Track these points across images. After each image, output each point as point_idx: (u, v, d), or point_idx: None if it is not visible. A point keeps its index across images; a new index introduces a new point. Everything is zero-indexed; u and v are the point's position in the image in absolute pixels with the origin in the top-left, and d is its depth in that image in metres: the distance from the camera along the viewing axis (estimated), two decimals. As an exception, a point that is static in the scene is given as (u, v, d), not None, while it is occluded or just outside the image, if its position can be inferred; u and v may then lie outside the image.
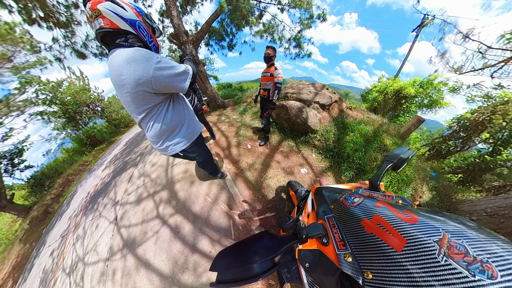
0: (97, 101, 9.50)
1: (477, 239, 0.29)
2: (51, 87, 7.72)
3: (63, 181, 6.07)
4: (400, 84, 5.46)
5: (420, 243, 0.31)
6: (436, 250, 0.28)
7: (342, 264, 0.39)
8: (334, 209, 0.54)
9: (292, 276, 0.57)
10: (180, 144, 1.01)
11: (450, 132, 4.03)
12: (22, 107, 6.63)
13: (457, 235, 0.30)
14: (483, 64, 3.85)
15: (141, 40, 0.79)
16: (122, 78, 0.71)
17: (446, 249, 0.28)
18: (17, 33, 4.69)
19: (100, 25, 0.68)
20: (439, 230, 0.31)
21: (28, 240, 4.02)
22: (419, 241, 0.31)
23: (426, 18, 7.35)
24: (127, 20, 0.72)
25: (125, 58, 0.68)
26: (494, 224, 1.43)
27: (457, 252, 0.27)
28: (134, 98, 0.76)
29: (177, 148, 1.01)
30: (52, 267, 2.38)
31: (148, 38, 0.81)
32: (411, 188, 1.95)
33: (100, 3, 0.67)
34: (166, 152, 1.02)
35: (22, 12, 3.07)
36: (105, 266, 1.75)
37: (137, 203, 2.27)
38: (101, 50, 4.18)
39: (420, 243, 0.31)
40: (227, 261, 0.43)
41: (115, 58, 0.70)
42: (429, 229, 0.32)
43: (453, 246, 0.28)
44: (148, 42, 0.81)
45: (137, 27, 0.76)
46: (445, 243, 0.29)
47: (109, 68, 0.74)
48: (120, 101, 0.91)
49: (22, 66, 5.64)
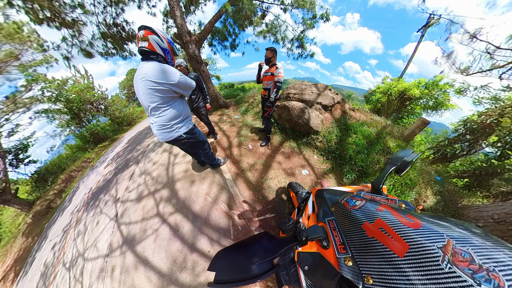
0: (100, 99, 9.66)
1: (483, 246, 0.28)
2: (57, 85, 7.90)
3: (66, 177, 6.18)
4: (405, 85, 5.38)
5: (423, 249, 0.30)
6: (440, 257, 0.28)
7: (342, 268, 0.39)
8: (335, 212, 0.53)
9: (291, 279, 0.56)
10: (184, 127, 1.39)
11: (456, 135, 3.94)
12: (28, 104, 6.78)
13: (462, 242, 0.29)
14: (491, 65, 3.76)
15: (165, 60, 1.23)
16: (152, 77, 1.12)
17: (450, 256, 0.27)
18: (24, 32, 4.81)
19: (145, 46, 1.11)
20: (443, 236, 0.30)
21: (30, 234, 4.09)
22: (422, 247, 0.30)
23: (432, 17, 7.23)
24: (161, 48, 1.17)
25: (160, 67, 1.13)
26: (501, 231, 1.39)
27: (462, 259, 0.26)
28: (157, 91, 1.16)
29: (182, 130, 1.38)
30: (53, 261, 2.41)
31: (170, 59, 1.27)
32: (414, 192, 1.91)
33: (150, 34, 1.11)
34: (172, 132, 1.34)
35: (29, 12, 3.14)
36: (105, 263, 1.77)
37: (137, 201, 2.29)
38: (107, 50, 4.26)
39: (423, 249, 0.30)
40: (225, 261, 0.43)
41: (149, 65, 1.13)
42: (432, 234, 0.32)
43: (458, 253, 0.27)
44: (169, 62, 1.27)
45: (166, 53, 1.21)
46: (449, 250, 0.28)
47: (141, 68, 1.14)
48: (138, 92, 1.24)
49: (29, 64, 5.77)
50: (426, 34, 7.81)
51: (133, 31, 4.33)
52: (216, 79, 14.11)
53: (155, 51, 1.14)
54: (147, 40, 1.09)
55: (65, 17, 3.50)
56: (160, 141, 3.84)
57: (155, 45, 1.12)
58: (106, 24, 3.96)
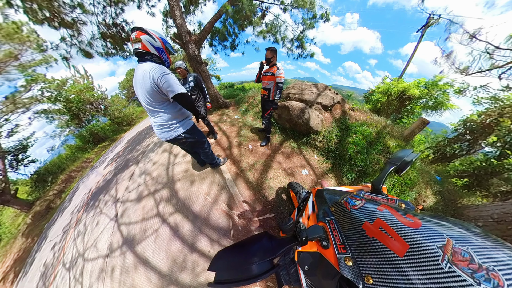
0: (100, 99, 9.64)
1: (483, 246, 0.28)
2: (56, 85, 7.87)
3: (65, 177, 6.17)
4: (404, 85, 5.39)
5: (423, 249, 0.30)
6: (439, 256, 0.28)
7: (342, 268, 0.39)
8: (335, 212, 0.53)
9: (291, 279, 0.56)
10: (182, 127, 1.40)
11: (456, 134, 3.95)
12: (27, 104, 6.76)
13: (462, 241, 0.29)
14: (490, 65, 3.77)
15: (160, 59, 1.21)
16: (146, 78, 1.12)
17: (450, 255, 0.27)
18: (24, 32, 4.79)
19: (138, 47, 1.11)
20: (443, 236, 0.30)
21: (30, 234, 4.08)
22: (422, 246, 0.30)
23: (432, 17, 7.24)
24: (155, 47, 1.16)
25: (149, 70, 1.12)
26: (501, 231, 1.39)
27: (461, 259, 0.26)
28: (153, 92, 1.17)
29: (180, 130, 1.39)
30: (53, 261, 2.41)
31: (165, 58, 1.25)
32: (414, 191, 1.91)
33: (142, 35, 1.10)
34: (171, 132, 1.36)
35: (28, 12, 3.12)
36: (105, 263, 1.77)
37: (137, 201, 2.29)
38: (107, 50, 4.25)
39: (423, 248, 0.30)
40: (225, 261, 0.43)
41: (145, 66, 1.13)
42: (432, 234, 0.32)
43: (458, 253, 0.27)
44: (164, 61, 1.25)
45: (160, 52, 1.20)
46: (449, 249, 0.28)
47: (138, 70, 1.16)
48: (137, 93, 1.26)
49: (28, 64, 5.75)
50: (425, 34, 7.82)
51: (132, 32, 4.37)
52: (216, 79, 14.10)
53: (149, 52, 1.14)
54: (140, 41, 1.09)
55: (64, 17, 3.49)
56: (160, 140, 3.84)
57: (148, 45, 1.12)
58: (106, 24, 3.95)
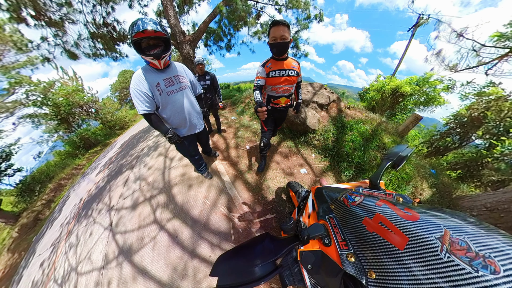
0: (91, 102, 9.26)
1: (478, 234, 0.29)
2: (43, 88, 7.42)
3: (54, 185, 5.86)
4: (397, 82, 5.54)
5: (422, 241, 0.30)
6: (438, 247, 0.28)
7: (345, 265, 0.39)
8: (335, 209, 0.53)
9: (294, 279, 0.56)
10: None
11: (447, 128, 4.09)
12: (11, 109, 6.42)
13: (459, 231, 0.29)
14: (477, 61, 3.94)
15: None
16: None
17: (448, 245, 0.28)
18: (6, 32, 4.40)
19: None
20: (441, 227, 0.31)
21: (16, 249, 3.87)
22: (421, 238, 0.31)
23: (421, 17, 7.58)
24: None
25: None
26: (494, 219, 1.44)
27: (459, 248, 0.27)
28: None
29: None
30: (43, 278, 2.28)
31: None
32: (411, 185, 1.95)
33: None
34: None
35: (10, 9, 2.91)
36: (100, 275, 1.70)
37: (133, 208, 2.23)
38: (95, 51, 3.99)
39: (422, 240, 0.31)
40: (227, 265, 0.42)
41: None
42: (430, 226, 0.32)
43: (455, 242, 0.28)
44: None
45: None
46: (447, 240, 0.29)
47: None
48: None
49: (11, 66, 5.39)
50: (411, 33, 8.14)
51: (124, 31, 4.08)
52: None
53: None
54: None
55: (51, 15, 3.25)
56: (155, 144, 3.76)
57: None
58: (96, 24, 3.74)
